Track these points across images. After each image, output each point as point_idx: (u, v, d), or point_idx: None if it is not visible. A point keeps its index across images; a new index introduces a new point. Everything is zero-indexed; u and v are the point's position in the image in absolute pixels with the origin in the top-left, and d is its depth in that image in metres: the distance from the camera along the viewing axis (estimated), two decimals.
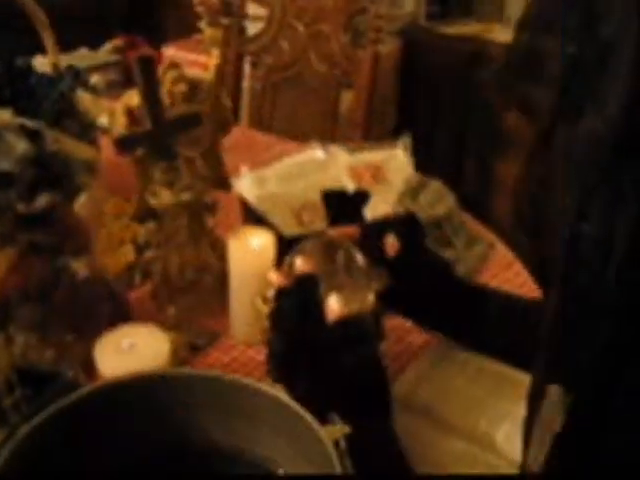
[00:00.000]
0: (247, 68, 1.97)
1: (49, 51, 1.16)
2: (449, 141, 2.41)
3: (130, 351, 0.79)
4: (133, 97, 0.94)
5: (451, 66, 2.36)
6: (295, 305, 0.72)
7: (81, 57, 2.56)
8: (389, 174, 1.21)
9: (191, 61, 2.40)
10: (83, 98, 1.06)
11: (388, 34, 2.41)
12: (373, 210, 1.08)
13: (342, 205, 1.00)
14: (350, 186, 1.12)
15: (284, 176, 1.15)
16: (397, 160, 1.23)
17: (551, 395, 0.54)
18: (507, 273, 1.14)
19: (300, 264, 0.73)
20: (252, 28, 1.96)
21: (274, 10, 1.90)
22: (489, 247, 1.23)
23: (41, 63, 1.18)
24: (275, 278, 0.75)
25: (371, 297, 0.81)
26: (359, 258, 0.81)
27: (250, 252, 0.93)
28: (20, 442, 0.56)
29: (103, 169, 1.04)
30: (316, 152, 1.24)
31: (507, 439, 0.77)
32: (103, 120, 1.08)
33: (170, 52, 2.52)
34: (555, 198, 0.51)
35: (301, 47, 1.89)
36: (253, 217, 1.08)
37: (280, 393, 0.61)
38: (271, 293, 0.76)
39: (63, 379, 0.73)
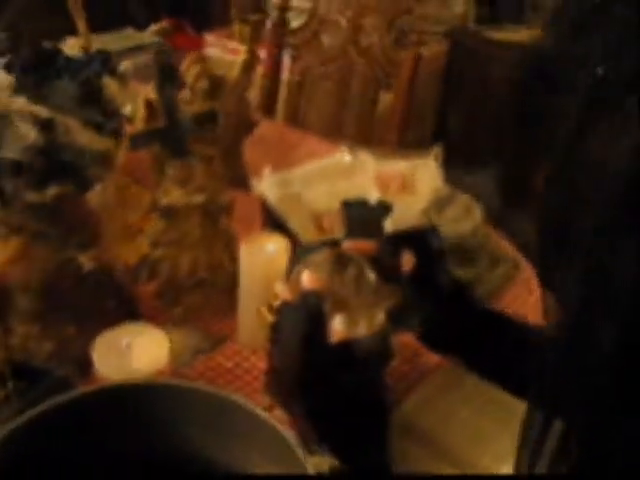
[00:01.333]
0: (287, 61, 1.94)
1: (81, 33, 1.15)
2: (482, 153, 2.36)
3: (128, 351, 0.77)
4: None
5: (496, 73, 2.30)
6: (297, 322, 0.69)
7: (123, 37, 2.56)
8: (418, 184, 1.18)
9: (232, 49, 2.39)
10: (110, 85, 1.04)
11: (434, 35, 2.36)
12: (398, 220, 1.05)
13: (362, 216, 0.97)
14: (375, 196, 1.08)
15: (308, 179, 1.12)
16: (427, 170, 1.19)
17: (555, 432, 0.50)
18: (530, 298, 1.09)
19: (307, 279, 0.70)
20: (295, 22, 1.94)
21: (318, 4, 1.87)
22: (514, 267, 1.18)
23: (72, 45, 1.16)
24: (281, 290, 0.72)
25: (380, 316, 0.78)
26: (370, 274, 0.78)
27: (262, 257, 0.91)
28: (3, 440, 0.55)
29: (125, 157, 1.02)
30: (344, 156, 1.21)
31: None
32: (128, 109, 1.06)
33: (211, 38, 2.51)
34: (585, 216, 0.46)
35: (342, 44, 1.85)
36: (272, 219, 1.06)
37: (271, 418, 0.59)
38: (277, 303, 0.74)
39: (56, 376, 0.71)
